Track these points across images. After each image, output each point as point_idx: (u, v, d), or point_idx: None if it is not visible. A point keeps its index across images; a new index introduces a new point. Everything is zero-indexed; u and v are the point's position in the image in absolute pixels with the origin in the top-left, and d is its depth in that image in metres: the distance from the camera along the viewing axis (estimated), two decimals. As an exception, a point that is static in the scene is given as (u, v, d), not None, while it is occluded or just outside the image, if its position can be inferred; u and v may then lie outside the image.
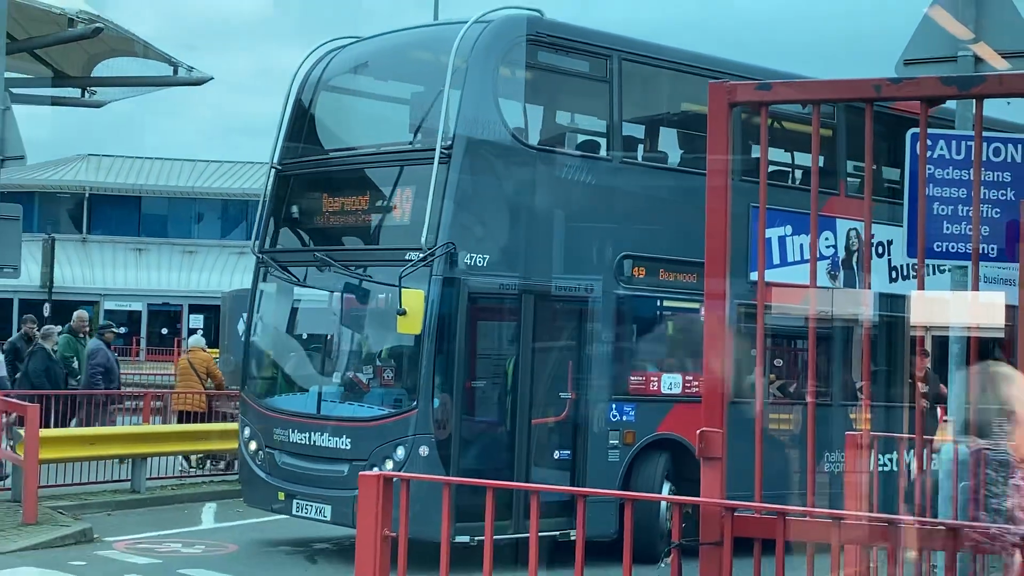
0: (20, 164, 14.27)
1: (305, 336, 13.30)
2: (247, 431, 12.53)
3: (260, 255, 12.88)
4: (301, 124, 12.91)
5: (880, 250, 12.72)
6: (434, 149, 10.97)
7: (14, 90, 15.39)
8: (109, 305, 53.48)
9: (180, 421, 17.49)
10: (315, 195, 12.79)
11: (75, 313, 17.99)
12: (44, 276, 51.42)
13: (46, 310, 50.07)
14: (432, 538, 8.90)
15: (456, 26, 11.64)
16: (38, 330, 16.68)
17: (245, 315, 13.43)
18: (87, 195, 55.54)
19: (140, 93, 16.76)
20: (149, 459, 15.80)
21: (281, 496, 11.94)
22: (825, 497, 6.28)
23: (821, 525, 5.40)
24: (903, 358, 11.97)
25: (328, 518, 11.45)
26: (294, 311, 13.10)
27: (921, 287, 5.79)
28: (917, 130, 5.80)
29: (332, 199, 12.53)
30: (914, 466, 8.45)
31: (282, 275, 12.67)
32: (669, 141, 13.40)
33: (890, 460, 10.90)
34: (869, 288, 7.66)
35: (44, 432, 14.12)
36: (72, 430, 15.99)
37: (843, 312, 12.54)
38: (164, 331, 52.10)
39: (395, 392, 11.54)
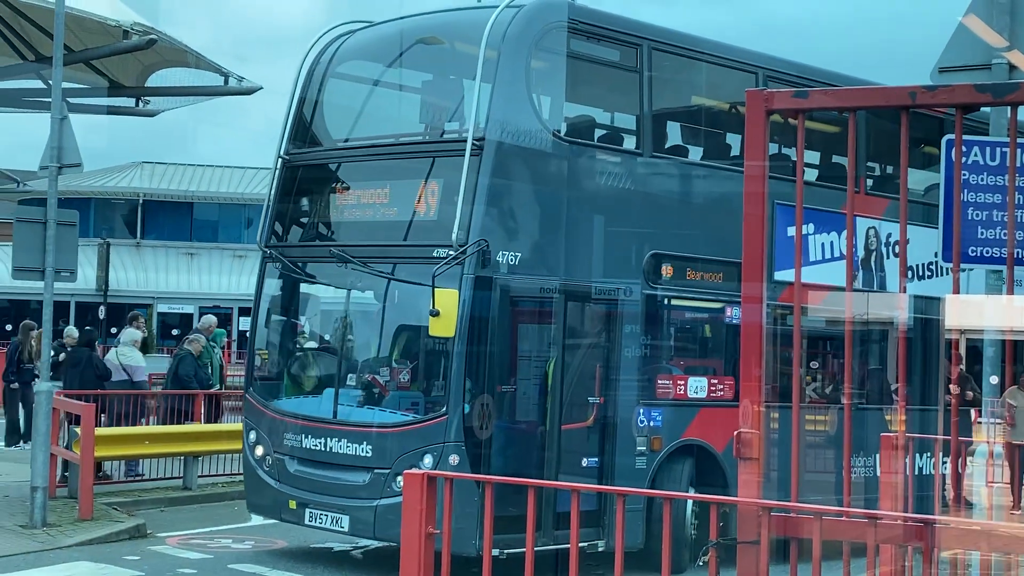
0: (77, 171, 14.48)
1: (317, 335, 12.81)
2: (252, 435, 12.02)
3: (267, 249, 12.29)
4: (310, 113, 12.41)
5: (897, 250, 12.47)
6: (464, 141, 10.57)
7: (71, 100, 15.63)
8: (162, 308, 54.14)
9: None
10: (327, 187, 12.26)
11: (204, 318, 18.89)
12: (99, 280, 52.09)
13: (101, 313, 50.57)
14: (464, 551, 8.87)
15: (483, 11, 11.26)
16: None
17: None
18: (141, 201, 56.39)
19: (192, 102, 16.87)
20: (200, 457, 15.87)
21: (292, 504, 11.43)
22: (860, 498, 6.25)
23: (857, 525, 5.36)
24: (934, 360, 11.82)
25: (345, 529, 11.05)
26: (303, 308, 12.61)
27: (956, 291, 5.73)
28: (952, 136, 5.74)
29: (346, 192, 11.97)
30: (948, 467, 8.37)
31: (291, 270, 12.18)
32: (699, 135, 13.25)
33: (926, 461, 10.76)
34: (904, 292, 7.55)
35: (99, 431, 14.28)
36: (125, 429, 16.09)
37: (877, 315, 12.33)
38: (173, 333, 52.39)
39: (421, 396, 11.10)
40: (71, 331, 18.45)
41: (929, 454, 11.77)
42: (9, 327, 52.99)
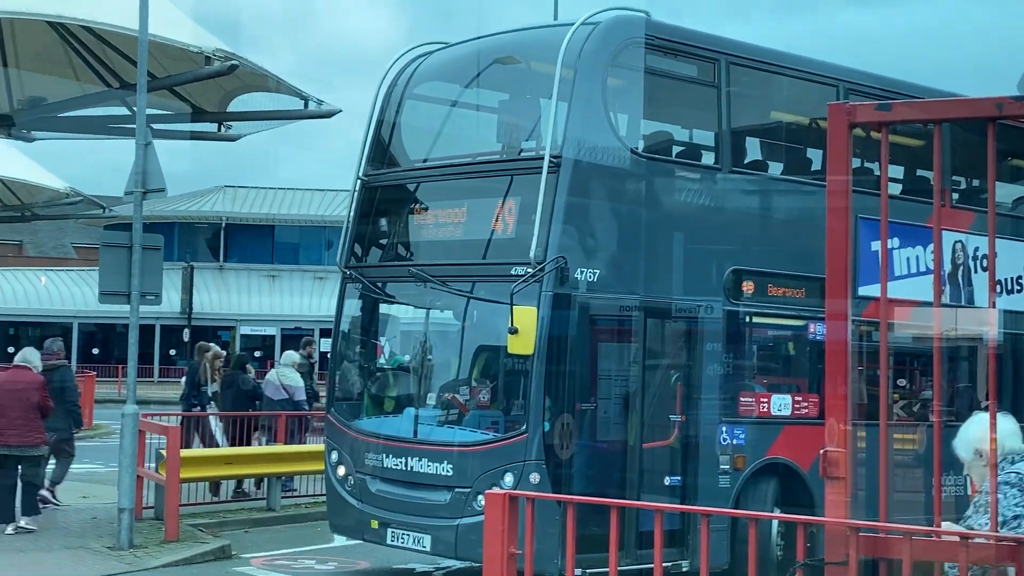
0: (161, 196, 14.70)
1: (397, 355, 12.83)
2: (334, 455, 12.08)
3: (346, 270, 12.37)
4: (388, 134, 12.50)
5: (984, 264, 12.21)
6: (541, 159, 10.58)
7: (155, 126, 15.92)
8: (244, 330, 54.91)
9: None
10: (406, 208, 12.32)
11: (303, 340, 19.97)
12: (184, 303, 53.05)
13: (185, 335, 51.33)
14: (546, 571, 8.82)
15: (559, 29, 11.26)
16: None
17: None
18: (224, 224, 57.36)
19: (272, 126, 17.07)
20: (283, 478, 16.04)
21: (374, 524, 11.43)
22: (952, 518, 6.11)
23: (948, 545, 5.23)
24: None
25: (427, 548, 11.07)
26: (383, 328, 12.62)
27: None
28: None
29: (424, 211, 12.02)
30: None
31: (370, 291, 12.25)
32: (779, 150, 13.10)
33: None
34: (994, 307, 7.38)
35: (184, 452, 14.45)
36: (209, 451, 16.31)
37: (965, 330, 12.06)
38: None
39: (501, 415, 11.08)
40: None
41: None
42: (96, 351, 54.10)
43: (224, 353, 18.86)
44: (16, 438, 13.36)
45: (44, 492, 15.00)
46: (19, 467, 13.54)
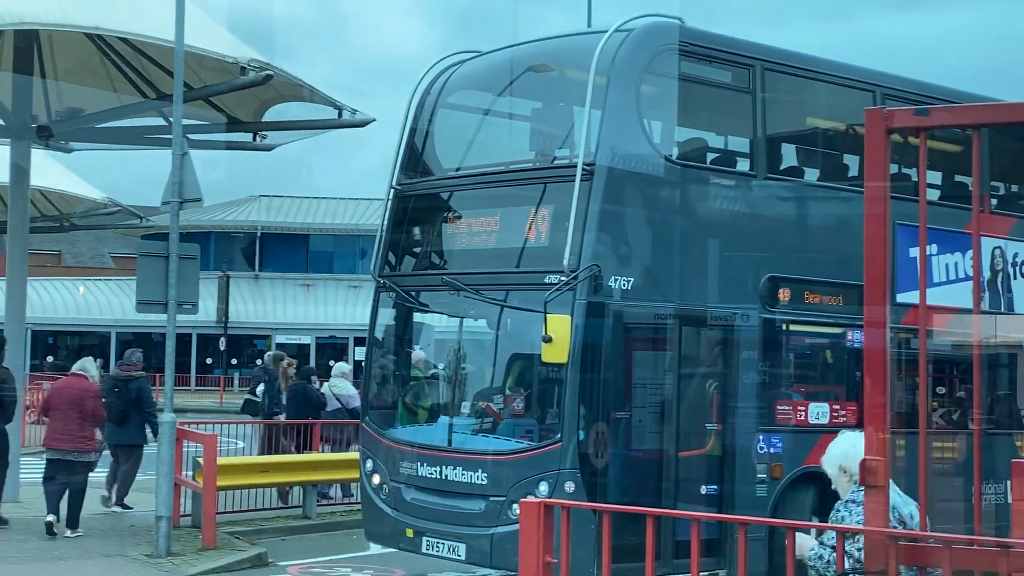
0: (197, 206, 14.79)
1: (430, 363, 12.86)
2: (369, 463, 12.11)
3: (380, 279, 12.41)
4: (421, 143, 12.53)
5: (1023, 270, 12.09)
6: (575, 167, 10.55)
7: (191, 136, 16.01)
8: (280, 339, 55.12)
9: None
10: (438, 216, 12.36)
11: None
12: (220, 311, 53.35)
13: (221, 344, 51.54)
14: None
15: (593, 36, 11.22)
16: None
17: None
18: (259, 234, 57.70)
19: (306, 136, 17.14)
20: (320, 486, 16.08)
21: (409, 533, 11.46)
22: (992, 527, 6.06)
23: (988, 554, 5.18)
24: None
25: (462, 557, 11.03)
26: (417, 337, 12.66)
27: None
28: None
29: (457, 220, 12.04)
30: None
31: (404, 299, 12.27)
32: (815, 156, 12.98)
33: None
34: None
35: (221, 460, 14.52)
36: (245, 459, 16.39)
37: (1005, 337, 11.95)
38: (331, 363, 53.13)
39: (535, 424, 11.07)
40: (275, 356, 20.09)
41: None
42: (133, 359, 54.46)
43: (296, 363, 19.55)
44: (68, 443, 13.74)
45: (114, 507, 15.52)
46: (69, 473, 13.84)
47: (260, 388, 18.98)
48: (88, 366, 14.47)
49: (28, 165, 17.07)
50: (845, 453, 6.44)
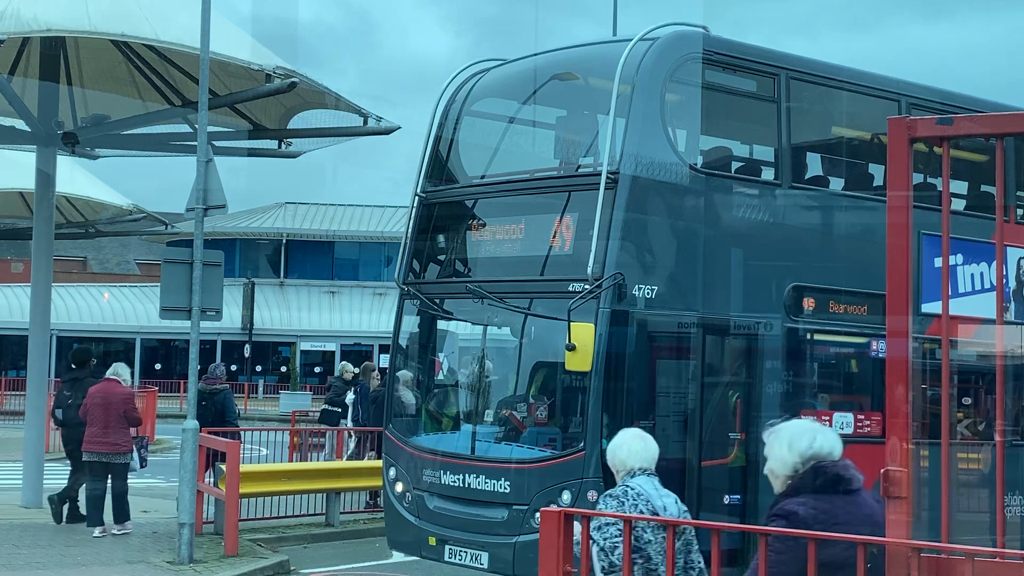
0: (222, 213, 14.88)
1: (454, 371, 12.87)
2: (392, 471, 12.14)
3: (405, 287, 12.48)
4: (445, 151, 12.57)
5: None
6: (599, 175, 10.57)
7: (216, 143, 16.09)
8: (304, 346, 55.29)
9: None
10: (463, 224, 12.36)
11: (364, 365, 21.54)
12: (244, 318, 53.58)
13: (246, 351, 51.72)
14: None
15: (617, 45, 11.25)
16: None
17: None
18: (284, 241, 57.96)
19: (332, 143, 17.22)
20: (343, 493, 16.13)
21: (432, 541, 11.48)
22: (1016, 539, 6.03)
23: (1013, 567, 5.15)
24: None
25: (485, 566, 11.04)
26: (441, 345, 12.65)
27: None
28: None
29: (482, 228, 12.05)
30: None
31: (428, 307, 12.30)
32: (840, 165, 12.94)
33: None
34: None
35: (244, 467, 14.58)
36: (268, 466, 16.51)
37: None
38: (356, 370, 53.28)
39: (559, 432, 11.07)
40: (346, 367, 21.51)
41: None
42: (159, 366, 54.74)
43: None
44: (104, 446, 14.38)
45: None
46: (108, 476, 14.53)
47: (350, 397, 19.89)
48: (121, 371, 14.97)
49: (54, 172, 17.21)
50: (611, 449, 6.99)
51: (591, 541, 6.34)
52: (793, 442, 5.78)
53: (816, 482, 5.69)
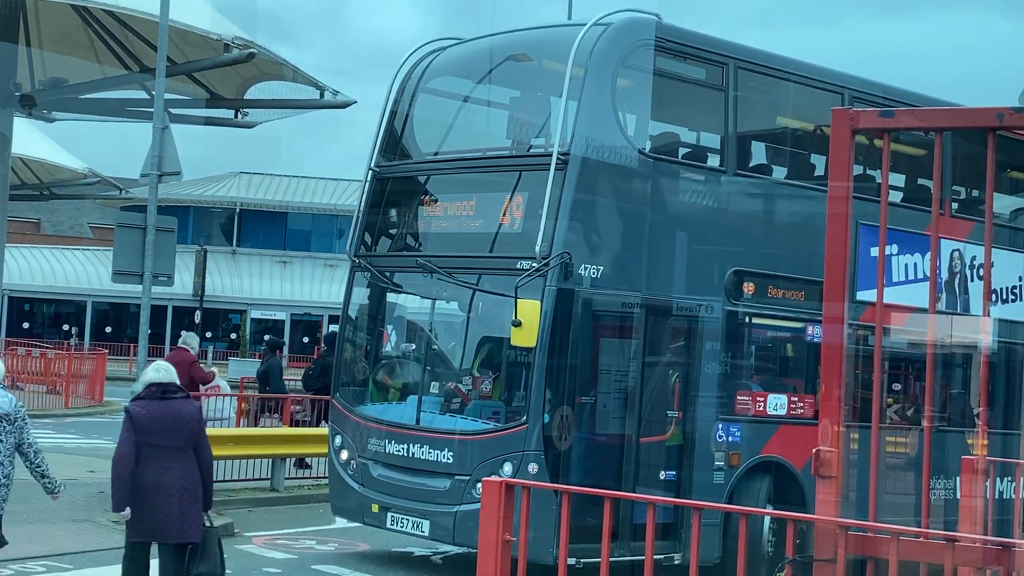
0: (177, 180, 14.75)
1: (402, 343, 12.84)
2: (338, 439, 12.16)
3: (356, 259, 12.42)
4: (400, 126, 12.52)
5: (981, 273, 12.18)
6: (550, 156, 10.61)
7: (172, 111, 15.93)
8: (255, 314, 54.91)
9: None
10: (415, 199, 12.33)
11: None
12: (196, 285, 53.17)
13: (197, 317, 51.34)
14: (541, 559, 8.82)
15: (572, 29, 11.28)
16: None
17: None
18: (238, 210, 57.47)
19: (288, 115, 17.11)
20: (288, 459, 16.05)
21: (375, 508, 11.54)
22: (939, 520, 6.13)
23: (935, 546, 5.24)
24: (1016, 384, 11.50)
25: (426, 533, 11.16)
26: (389, 317, 12.63)
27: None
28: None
29: (433, 203, 12.04)
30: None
31: (378, 280, 12.27)
32: (783, 155, 13.03)
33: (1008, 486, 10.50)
34: (988, 315, 7.39)
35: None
36: (214, 430, 16.40)
37: (960, 337, 12.05)
38: (305, 340, 53.08)
39: (502, 406, 11.10)
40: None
41: (1010, 478, 11.49)
42: (109, 329, 54.22)
43: None
44: None
45: None
46: None
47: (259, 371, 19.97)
48: (190, 340, 15.87)
49: (10, 133, 16.97)
50: None
51: None
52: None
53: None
